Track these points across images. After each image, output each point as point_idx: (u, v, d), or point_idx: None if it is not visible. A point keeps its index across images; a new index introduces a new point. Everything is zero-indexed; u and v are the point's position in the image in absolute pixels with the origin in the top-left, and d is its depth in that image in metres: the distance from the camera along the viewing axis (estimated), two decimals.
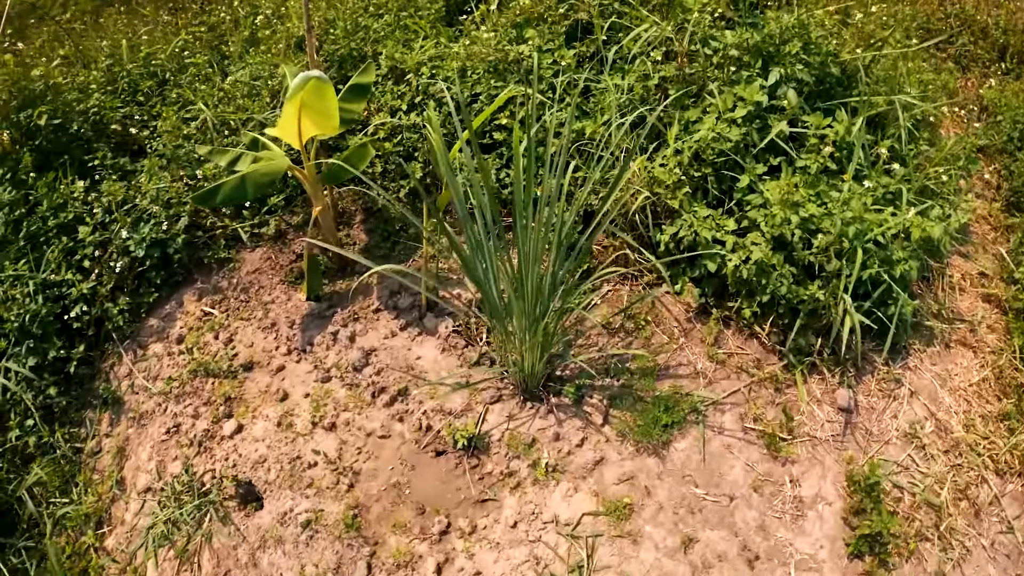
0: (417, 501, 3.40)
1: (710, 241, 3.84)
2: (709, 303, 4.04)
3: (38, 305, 3.99)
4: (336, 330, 4.02)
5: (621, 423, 3.62)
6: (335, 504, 3.37)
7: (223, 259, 4.46)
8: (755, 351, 3.89)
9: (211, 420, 3.73)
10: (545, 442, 3.56)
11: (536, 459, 3.50)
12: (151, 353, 4.11)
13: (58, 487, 3.86)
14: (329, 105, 3.55)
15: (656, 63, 4.47)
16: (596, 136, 4.41)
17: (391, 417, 3.65)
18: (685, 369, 3.85)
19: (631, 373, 3.83)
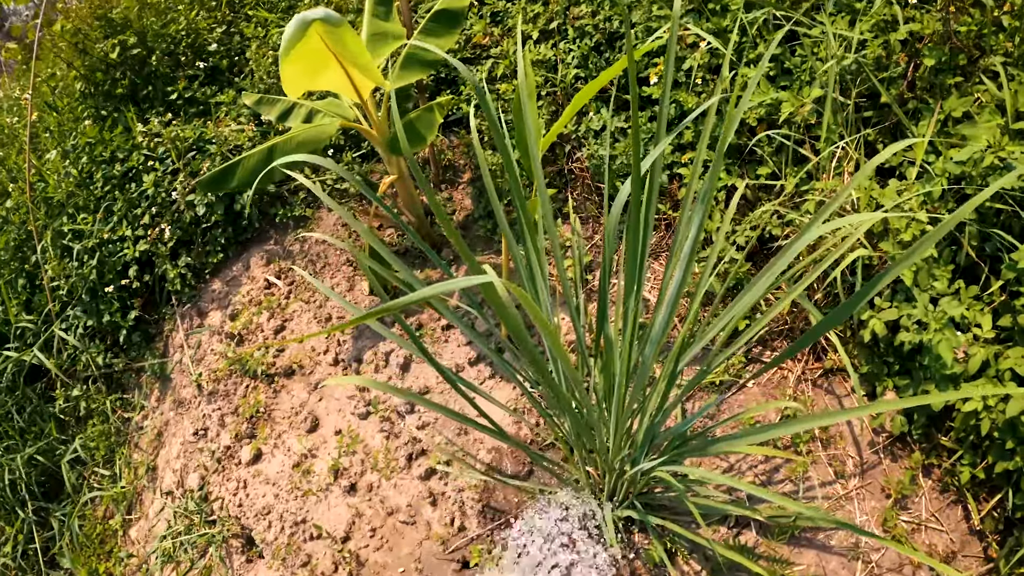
0: None
1: (947, 359, 2.49)
2: (913, 435, 2.78)
3: (95, 263, 3.65)
4: (390, 349, 3.30)
5: None
6: None
7: (299, 217, 3.83)
8: (954, 531, 2.63)
9: (233, 436, 3.26)
10: None
11: None
12: (206, 324, 3.67)
13: (103, 457, 3.68)
14: (353, 51, 2.61)
15: (907, 5, 2.99)
16: (796, 119, 3.10)
17: (422, 496, 2.95)
18: (841, 541, 2.65)
19: (758, 527, 2.75)
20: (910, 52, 3.07)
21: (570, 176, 3.69)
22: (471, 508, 2.92)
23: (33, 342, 3.80)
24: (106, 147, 3.84)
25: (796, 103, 3.07)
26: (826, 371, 3.05)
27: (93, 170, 3.89)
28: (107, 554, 3.50)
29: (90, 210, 3.80)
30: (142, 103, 4.23)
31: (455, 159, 3.95)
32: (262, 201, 3.87)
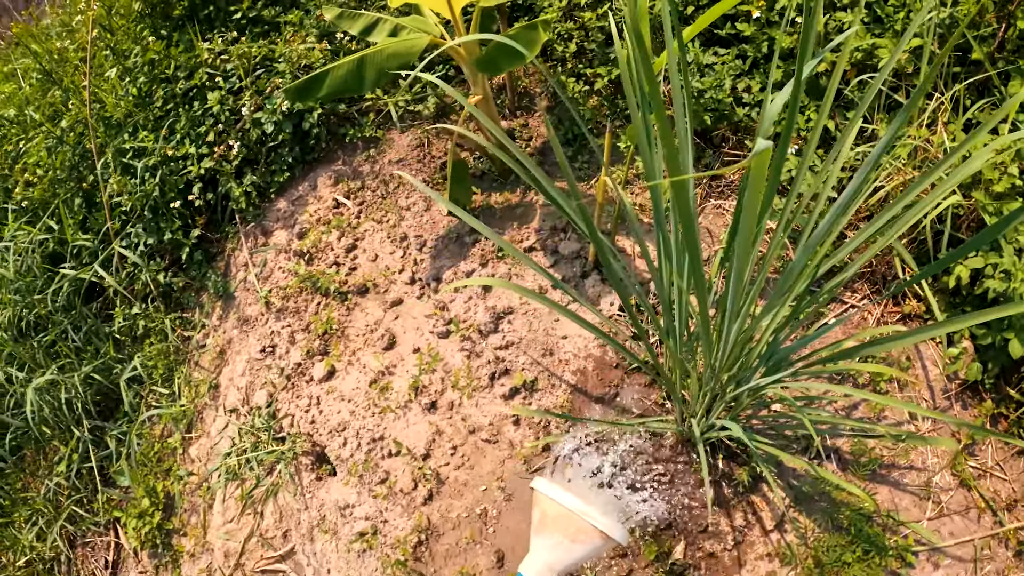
0: (499, 548, 2.71)
1: None
2: (985, 384, 2.77)
3: (156, 181, 3.62)
4: (472, 269, 3.25)
5: (797, 540, 2.63)
6: (402, 518, 2.79)
7: (369, 138, 3.78)
8: (1016, 480, 2.63)
9: (304, 353, 3.23)
10: (685, 528, 2.68)
11: (663, 551, 2.65)
12: (271, 243, 3.63)
13: (162, 376, 3.66)
14: None
15: None
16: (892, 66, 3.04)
17: (505, 416, 2.92)
18: (912, 479, 2.71)
19: (839, 458, 2.77)
20: (1002, 14, 3.03)
21: None
22: (556, 429, 2.88)
23: (90, 261, 3.78)
24: (168, 65, 3.79)
25: (890, 47, 3.07)
26: (904, 316, 3.06)
27: (153, 89, 3.84)
28: (165, 472, 3.49)
29: (150, 128, 3.77)
30: (202, 24, 4.17)
31: (531, 87, 3.88)
32: (330, 121, 3.82)
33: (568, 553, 1.67)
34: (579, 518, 1.67)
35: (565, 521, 1.68)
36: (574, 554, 1.67)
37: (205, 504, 3.29)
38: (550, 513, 1.70)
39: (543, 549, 1.68)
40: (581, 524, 1.67)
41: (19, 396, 3.66)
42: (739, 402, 2.58)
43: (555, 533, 1.68)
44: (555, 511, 1.70)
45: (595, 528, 1.65)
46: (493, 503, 2.76)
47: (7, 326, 3.73)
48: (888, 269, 3.13)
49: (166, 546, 3.36)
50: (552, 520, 1.70)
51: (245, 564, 3.10)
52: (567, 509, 1.67)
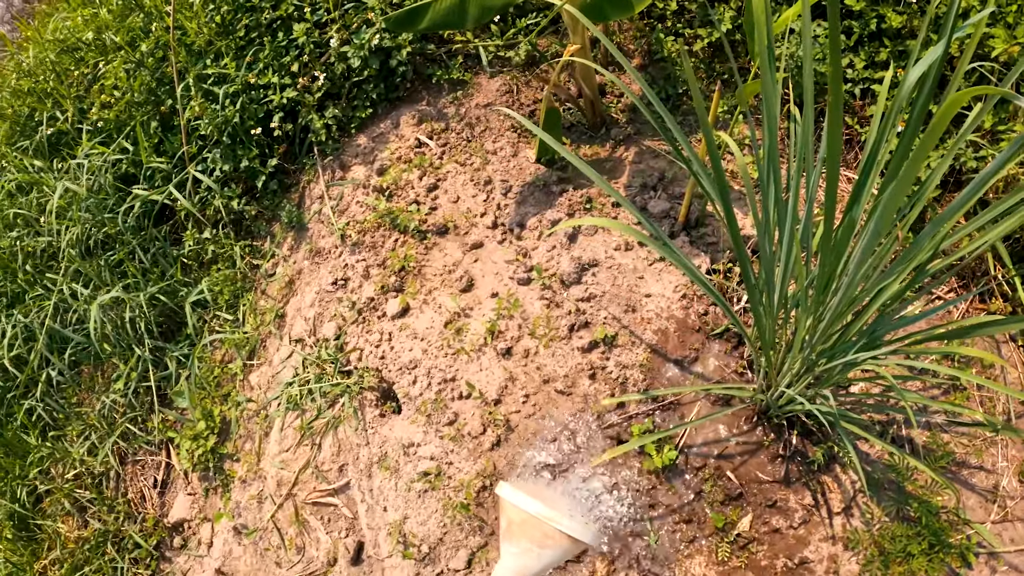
0: None
1: None
2: None
3: (236, 109, 3.60)
4: (558, 218, 3.18)
5: (864, 525, 2.56)
6: (468, 462, 2.73)
7: (456, 81, 3.72)
8: None
9: (379, 288, 3.19)
10: (753, 500, 2.61)
11: (729, 521, 2.58)
12: (349, 178, 3.60)
13: (227, 302, 3.65)
14: None
15: None
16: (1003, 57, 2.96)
17: (582, 368, 2.85)
18: (981, 480, 2.63)
19: (912, 449, 2.68)
20: None
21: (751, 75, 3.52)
22: (632, 387, 2.81)
23: (163, 184, 3.78)
24: None
25: (1008, 41, 2.95)
26: (989, 314, 2.95)
27: (238, 17, 3.81)
28: (223, 397, 3.48)
29: (232, 56, 3.74)
30: None
31: (624, 43, 3.79)
32: (416, 61, 3.77)
33: (537, 560, 1.64)
34: (544, 523, 1.63)
35: (531, 527, 1.65)
36: (543, 560, 1.64)
37: (261, 432, 3.28)
38: (515, 519, 1.67)
39: (511, 556, 1.66)
40: (547, 529, 1.64)
41: (82, 312, 3.67)
42: (828, 377, 2.49)
43: (522, 539, 1.66)
44: (520, 517, 1.67)
45: (561, 532, 1.60)
46: (564, 457, 2.70)
47: (75, 243, 3.74)
48: (979, 264, 3.03)
49: (218, 470, 3.36)
50: (518, 526, 1.67)
51: (297, 495, 3.08)
52: (531, 515, 1.63)
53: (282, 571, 3.07)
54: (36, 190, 3.96)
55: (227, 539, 3.25)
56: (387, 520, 2.84)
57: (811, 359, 2.44)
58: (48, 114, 4.06)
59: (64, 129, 4.02)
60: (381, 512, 2.87)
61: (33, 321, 3.68)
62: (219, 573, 3.22)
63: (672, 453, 2.65)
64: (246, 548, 3.18)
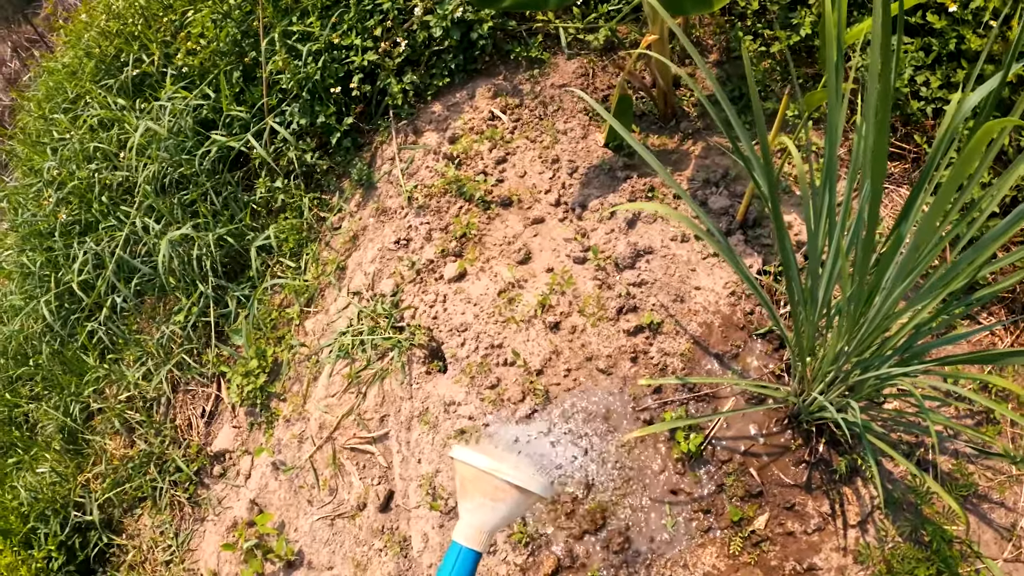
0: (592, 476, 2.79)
1: None
2: None
3: (318, 66, 3.77)
4: (620, 203, 3.30)
5: (876, 542, 2.61)
6: (504, 427, 2.88)
7: (533, 59, 3.85)
8: None
9: (439, 251, 3.34)
10: (772, 501, 2.70)
11: (746, 517, 2.68)
12: (421, 143, 3.75)
13: (291, 250, 3.84)
14: None
15: None
16: None
17: (624, 350, 2.97)
18: (1000, 516, 2.64)
19: (935, 475, 2.71)
20: None
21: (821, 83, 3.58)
22: (671, 374, 2.92)
23: (240, 133, 3.97)
24: None
25: None
26: None
27: None
28: (277, 340, 3.67)
29: (318, 15, 3.90)
30: None
31: (703, 38, 3.88)
32: (496, 36, 3.90)
33: (493, 512, 1.73)
34: (493, 477, 1.72)
35: (481, 482, 1.74)
36: (498, 512, 1.73)
37: (310, 376, 3.46)
38: (467, 477, 1.76)
39: (469, 512, 1.75)
40: (496, 483, 1.72)
41: (151, 246, 3.89)
42: (860, 388, 2.57)
43: (475, 495, 1.75)
44: (471, 474, 1.76)
45: (510, 485, 1.71)
46: (595, 431, 2.83)
47: (151, 180, 3.96)
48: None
49: (264, 407, 3.55)
50: (470, 483, 1.76)
51: (336, 439, 3.25)
52: (479, 470, 1.73)
53: (312, 509, 3.25)
54: (117, 127, 4.19)
55: (264, 473, 3.45)
56: (420, 472, 3.00)
57: (845, 369, 2.53)
58: (134, 56, 4.29)
59: (149, 72, 4.24)
60: (415, 464, 3.03)
61: (104, 250, 3.91)
62: (253, 503, 3.41)
63: (698, 439, 2.76)
64: (281, 483, 3.37)
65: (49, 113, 4.73)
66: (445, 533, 2.84)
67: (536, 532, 2.75)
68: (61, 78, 4.78)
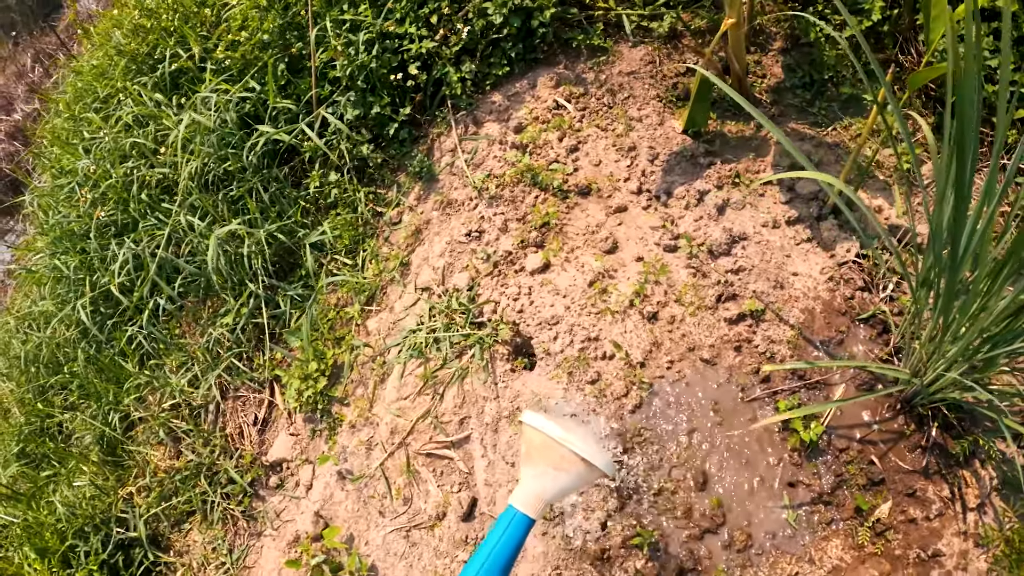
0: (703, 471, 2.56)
1: None
2: None
3: (371, 55, 3.52)
4: (706, 189, 3.08)
5: (996, 524, 2.45)
6: (609, 423, 2.64)
7: (596, 47, 3.64)
8: None
9: (517, 243, 3.10)
10: (893, 488, 2.50)
11: (870, 506, 2.47)
12: (483, 134, 3.51)
13: (346, 246, 3.57)
14: None
15: None
16: None
17: (727, 340, 2.75)
18: None
19: None
20: None
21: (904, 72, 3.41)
22: (780, 362, 2.70)
23: (287, 126, 3.71)
24: None
25: None
26: None
27: None
28: (336, 341, 3.39)
29: (369, 3, 3.67)
30: None
31: (766, 25, 3.70)
32: (556, 24, 3.68)
33: (554, 481, 1.70)
34: (561, 446, 1.69)
35: (548, 450, 1.71)
36: (559, 482, 1.70)
37: (376, 378, 3.19)
38: (535, 443, 1.73)
39: (530, 479, 1.72)
40: (564, 452, 1.69)
41: (195, 245, 3.61)
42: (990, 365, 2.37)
43: (539, 462, 1.72)
44: (540, 440, 1.72)
45: (576, 455, 1.68)
46: (703, 425, 2.60)
47: (194, 176, 3.68)
48: None
49: (325, 413, 3.27)
50: (537, 450, 1.73)
51: (410, 444, 2.98)
52: (549, 437, 1.70)
53: (385, 520, 2.97)
54: (154, 123, 3.91)
55: (329, 483, 3.16)
56: (510, 477, 2.74)
57: (974, 346, 2.34)
58: (171, 51, 4.01)
59: (186, 67, 3.97)
60: (504, 468, 2.77)
61: (144, 250, 3.61)
62: (318, 516, 3.12)
63: (819, 428, 2.55)
64: (348, 494, 3.09)
65: (79, 113, 4.42)
66: (546, 541, 2.58)
67: (654, 529, 2.50)
68: (90, 79, 4.48)
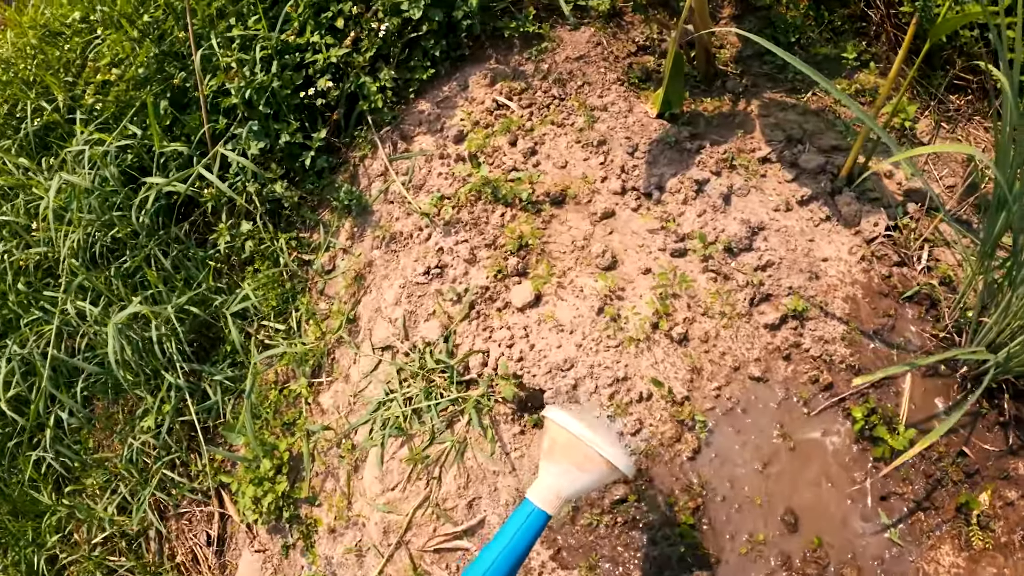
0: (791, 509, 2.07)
1: None
2: None
3: (271, 74, 2.85)
4: (704, 177, 2.56)
5: None
6: (669, 479, 2.10)
7: (531, 35, 3.06)
8: None
9: (493, 274, 2.50)
10: (987, 475, 2.12)
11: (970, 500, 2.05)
12: (416, 149, 2.89)
13: (275, 308, 2.88)
14: None
15: None
16: None
17: (773, 349, 2.25)
18: None
19: None
20: None
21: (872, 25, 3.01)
22: (840, 364, 2.23)
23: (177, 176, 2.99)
24: None
25: None
26: None
27: None
28: (286, 428, 2.71)
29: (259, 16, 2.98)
30: None
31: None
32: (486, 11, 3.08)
33: (575, 480, 1.66)
34: (586, 446, 1.65)
35: (573, 449, 1.67)
36: (580, 481, 1.66)
37: (348, 467, 2.53)
38: (559, 440, 1.70)
39: (551, 475, 1.68)
40: (588, 452, 1.65)
41: (93, 336, 2.85)
42: None
43: (563, 460, 1.68)
44: (564, 438, 1.68)
45: (601, 456, 1.64)
46: (775, 455, 2.10)
47: (77, 251, 2.91)
48: None
49: (294, 519, 2.59)
50: (561, 447, 1.69)
51: (412, 541, 2.35)
52: (575, 437, 1.66)
53: None
54: (24, 194, 3.10)
55: None
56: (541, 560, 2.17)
57: None
58: (33, 105, 3.18)
59: (53, 121, 3.16)
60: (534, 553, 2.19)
61: (32, 352, 2.81)
62: None
63: (910, 433, 2.10)
64: None
65: None
66: None
67: None
68: None
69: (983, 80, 2.87)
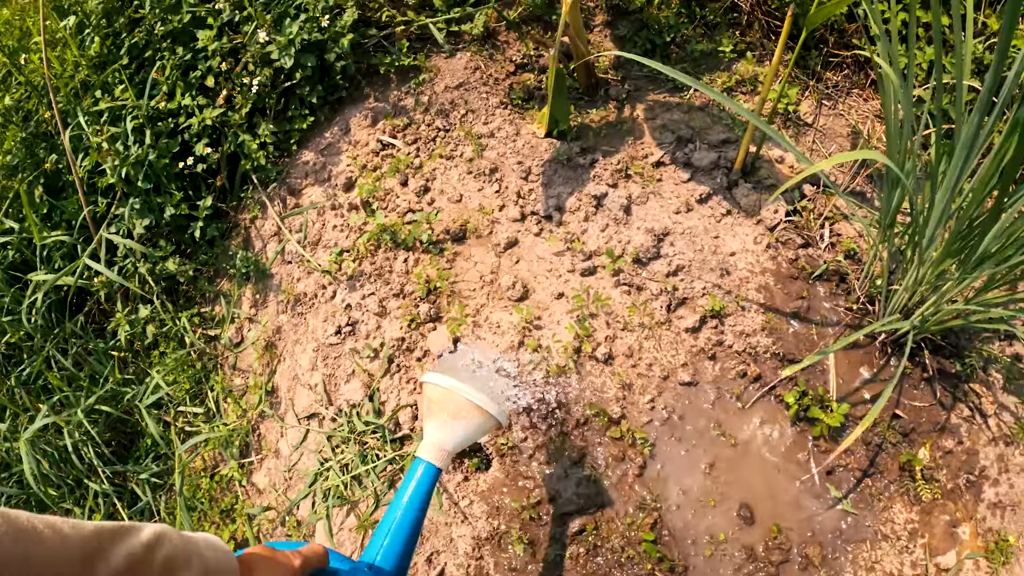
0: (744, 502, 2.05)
1: None
2: None
3: (145, 147, 2.68)
4: (602, 192, 2.52)
5: (1012, 419, 2.22)
6: (621, 503, 2.04)
7: (406, 68, 2.96)
8: None
9: (407, 324, 2.40)
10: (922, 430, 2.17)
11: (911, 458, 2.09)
12: (306, 203, 2.76)
13: (189, 392, 2.72)
14: None
15: None
16: None
17: (698, 351, 2.22)
18: None
19: None
20: None
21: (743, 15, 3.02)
22: (764, 354, 2.23)
23: (62, 266, 2.78)
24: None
25: None
26: None
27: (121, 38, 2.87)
28: (225, 514, 2.56)
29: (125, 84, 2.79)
30: None
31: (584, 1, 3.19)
32: (358, 49, 2.97)
33: (454, 430, 1.68)
34: (456, 394, 1.69)
35: (447, 401, 1.70)
36: (458, 430, 1.69)
37: None
38: (434, 397, 1.73)
39: (432, 430, 1.70)
40: (460, 401, 1.69)
41: (5, 453, 2.63)
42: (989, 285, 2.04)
43: (440, 414, 1.70)
44: (438, 394, 1.72)
45: (471, 402, 1.68)
46: (718, 454, 2.08)
47: None
48: None
49: None
50: (435, 403, 1.72)
51: None
52: (446, 389, 1.70)
53: None
54: None
55: None
56: None
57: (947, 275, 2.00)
58: None
59: None
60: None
61: None
62: None
63: (844, 407, 2.12)
64: None
65: None
66: None
67: None
68: None
69: (856, 54, 2.92)
